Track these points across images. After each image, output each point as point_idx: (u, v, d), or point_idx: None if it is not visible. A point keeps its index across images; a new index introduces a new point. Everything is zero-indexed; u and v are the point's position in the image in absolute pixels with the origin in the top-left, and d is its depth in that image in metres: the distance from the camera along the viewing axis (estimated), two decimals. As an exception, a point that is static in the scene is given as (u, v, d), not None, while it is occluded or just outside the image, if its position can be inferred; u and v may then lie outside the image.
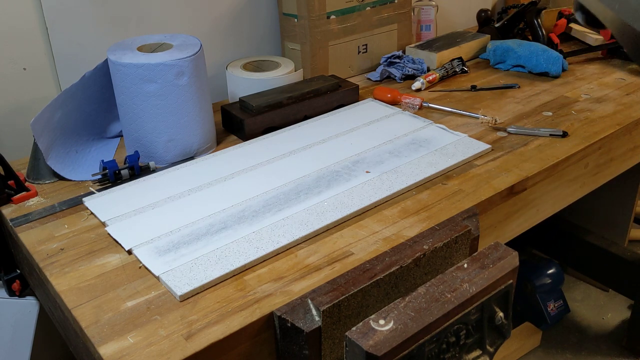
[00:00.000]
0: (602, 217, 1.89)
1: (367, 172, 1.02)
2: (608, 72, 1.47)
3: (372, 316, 0.72)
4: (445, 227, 0.87)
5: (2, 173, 0.97)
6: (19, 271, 1.03)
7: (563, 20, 1.65)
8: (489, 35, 1.61)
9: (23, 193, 0.98)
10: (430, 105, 1.28)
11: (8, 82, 1.14)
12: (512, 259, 0.82)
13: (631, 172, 1.42)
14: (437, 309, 0.74)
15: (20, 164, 1.07)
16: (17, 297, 1.04)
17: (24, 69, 1.16)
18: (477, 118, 1.22)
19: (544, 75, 1.44)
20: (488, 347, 0.85)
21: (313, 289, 0.75)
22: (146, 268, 0.80)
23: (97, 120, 1.15)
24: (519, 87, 1.39)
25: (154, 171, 1.04)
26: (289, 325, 0.71)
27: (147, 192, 0.98)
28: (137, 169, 1.03)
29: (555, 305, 1.81)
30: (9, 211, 0.96)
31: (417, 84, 1.37)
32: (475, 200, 0.94)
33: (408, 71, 1.44)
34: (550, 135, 1.14)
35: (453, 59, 1.47)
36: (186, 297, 0.75)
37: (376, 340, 0.68)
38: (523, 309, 1.82)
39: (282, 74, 1.27)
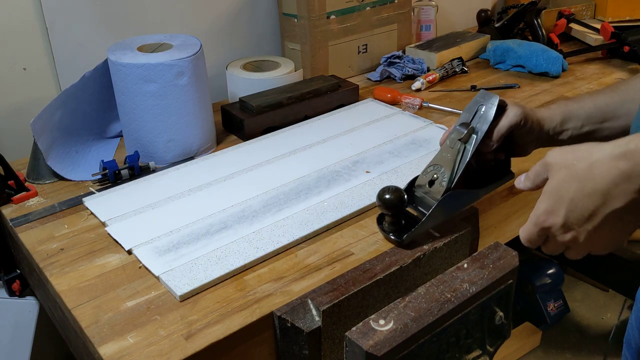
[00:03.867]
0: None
1: (367, 172, 1.02)
2: (608, 72, 1.47)
3: (372, 316, 0.72)
4: (445, 227, 0.87)
5: (2, 173, 0.97)
6: (19, 271, 1.03)
7: (563, 20, 1.65)
8: (489, 35, 1.61)
9: (23, 193, 0.98)
10: (430, 105, 1.28)
11: (8, 82, 1.14)
12: (512, 259, 0.82)
13: (631, 172, 1.41)
14: (437, 309, 0.74)
15: (20, 164, 1.07)
16: (17, 297, 1.04)
17: (24, 69, 1.16)
18: (477, 118, 1.22)
19: (544, 75, 1.44)
20: (488, 347, 0.85)
21: (313, 289, 0.75)
22: (146, 268, 0.80)
23: (97, 120, 1.15)
24: (519, 87, 1.39)
25: (154, 171, 1.04)
26: (289, 325, 0.71)
27: (147, 192, 0.98)
28: (137, 169, 1.03)
29: (555, 305, 1.81)
30: (9, 211, 0.96)
31: (417, 84, 1.37)
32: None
33: (408, 71, 1.44)
34: (550, 135, 1.14)
35: (453, 59, 1.47)
36: (186, 297, 0.75)
37: (376, 340, 0.68)
38: (523, 309, 1.82)
39: (282, 74, 1.27)
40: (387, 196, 0.78)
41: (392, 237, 0.83)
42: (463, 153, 0.81)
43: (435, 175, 0.82)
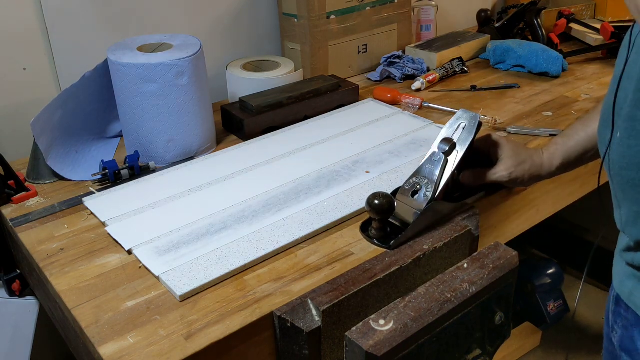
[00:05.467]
0: (602, 217, 1.89)
1: (367, 172, 1.02)
2: (608, 72, 1.47)
3: (372, 316, 0.72)
4: (445, 227, 0.87)
5: (2, 173, 0.97)
6: (19, 271, 1.03)
7: (563, 20, 1.65)
8: (489, 35, 1.61)
9: (23, 193, 0.98)
10: (430, 105, 1.28)
11: (8, 82, 1.14)
12: (512, 259, 0.82)
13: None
14: (437, 309, 0.74)
15: (20, 164, 1.07)
16: (17, 297, 1.04)
17: (24, 69, 1.16)
18: (477, 118, 1.22)
19: (544, 75, 1.44)
20: (488, 347, 0.85)
21: (313, 289, 0.75)
22: (146, 268, 0.80)
23: (97, 120, 1.15)
24: (519, 87, 1.39)
25: (154, 171, 1.04)
26: (289, 325, 0.71)
27: (147, 192, 0.98)
28: (137, 169, 1.03)
29: (555, 305, 1.81)
30: (9, 211, 0.96)
31: (417, 84, 1.37)
32: (475, 200, 0.94)
33: (408, 71, 1.44)
34: (550, 135, 1.14)
35: (453, 59, 1.47)
36: (186, 297, 0.75)
37: (376, 340, 0.68)
38: (523, 309, 1.82)
39: (282, 74, 1.27)
40: (377, 201, 0.81)
41: (378, 243, 0.84)
42: (446, 167, 0.86)
43: (418, 187, 0.86)
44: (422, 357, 0.74)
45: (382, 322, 0.72)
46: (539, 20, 1.57)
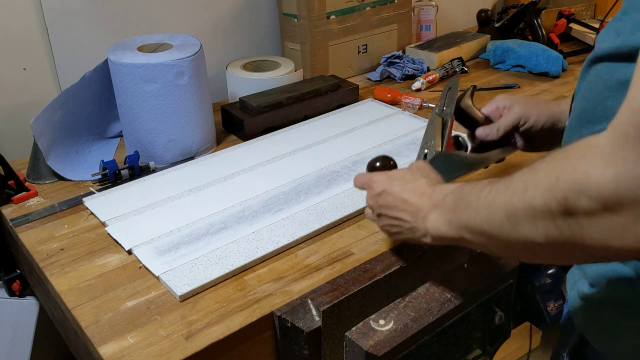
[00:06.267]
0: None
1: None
2: (608, 72, 1.47)
3: (372, 316, 0.72)
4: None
5: (2, 173, 0.97)
6: (19, 271, 1.03)
7: (563, 20, 1.65)
8: (489, 35, 1.61)
9: (23, 193, 0.98)
10: (430, 105, 1.28)
11: (8, 82, 1.14)
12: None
13: (631, 172, 1.41)
14: (437, 309, 0.74)
15: (20, 164, 1.07)
16: (17, 297, 1.04)
17: (24, 69, 1.16)
18: (477, 118, 1.22)
19: (544, 75, 1.44)
20: (488, 347, 0.85)
21: (313, 289, 0.75)
22: (146, 268, 0.80)
23: (97, 120, 1.15)
24: (519, 87, 1.39)
25: (154, 171, 1.04)
26: (289, 325, 0.71)
27: (147, 192, 0.98)
28: (137, 169, 1.03)
29: (555, 305, 1.81)
30: (9, 211, 0.96)
31: (417, 84, 1.37)
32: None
33: (408, 71, 1.44)
34: (550, 135, 1.14)
35: (453, 59, 1.47)
36: (186, 297, 0.75)
37: (376, 340, 0.69)
38: (523, 309, 1.82)
39: (282, 74, 1.27)
40: (379, 164, 0.80)
41: None
42: (444, 123, 0.85)
43: (426, 150, 0.85)
44: (422, 357, 0.74)
45: (382, 322, 0.72)
46: (539, 20, 1.57)
